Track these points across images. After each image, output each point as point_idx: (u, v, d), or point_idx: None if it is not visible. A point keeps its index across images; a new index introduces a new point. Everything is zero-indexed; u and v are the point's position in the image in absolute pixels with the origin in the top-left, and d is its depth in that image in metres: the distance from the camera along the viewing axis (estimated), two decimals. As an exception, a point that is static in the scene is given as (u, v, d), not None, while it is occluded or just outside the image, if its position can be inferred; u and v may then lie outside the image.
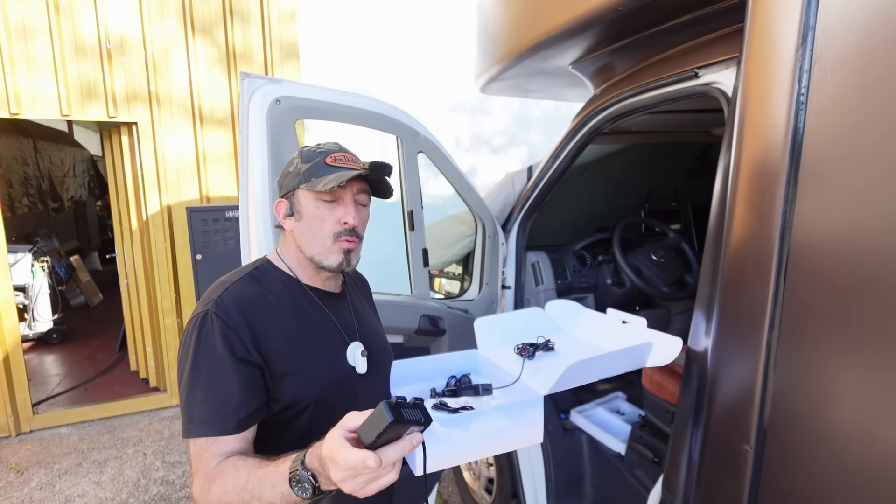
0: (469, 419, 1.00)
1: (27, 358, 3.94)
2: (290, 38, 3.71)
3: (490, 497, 2.28)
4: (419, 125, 1.77)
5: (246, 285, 0.93)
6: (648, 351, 1.19)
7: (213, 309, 0.86)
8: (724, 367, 0.97)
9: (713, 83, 1.12)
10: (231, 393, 0.83)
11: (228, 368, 0.84)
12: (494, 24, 1.80)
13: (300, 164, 0.93)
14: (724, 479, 0.96)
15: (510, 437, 1.05)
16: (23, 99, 3.04)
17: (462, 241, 2.23)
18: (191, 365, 0.84)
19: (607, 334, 1.40)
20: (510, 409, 1.04)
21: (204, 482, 0.79)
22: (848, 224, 0.75)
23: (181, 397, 0.85)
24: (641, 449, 1.74)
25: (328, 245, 0.94)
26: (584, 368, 1.07)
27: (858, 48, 0.72)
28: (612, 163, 2.47)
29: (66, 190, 6.56)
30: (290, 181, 0.94)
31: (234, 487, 0.76)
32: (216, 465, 0.80)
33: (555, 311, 1.56)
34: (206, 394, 0.83)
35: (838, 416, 0.76)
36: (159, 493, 2.73)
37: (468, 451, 1.02)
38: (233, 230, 3.45)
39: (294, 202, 0.95)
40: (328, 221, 0.93)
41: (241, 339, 0.85)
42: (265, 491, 0.74)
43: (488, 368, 1.29)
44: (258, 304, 0.91)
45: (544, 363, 1.28)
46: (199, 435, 0.82)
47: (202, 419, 0.82)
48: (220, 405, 0.83)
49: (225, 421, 0.82)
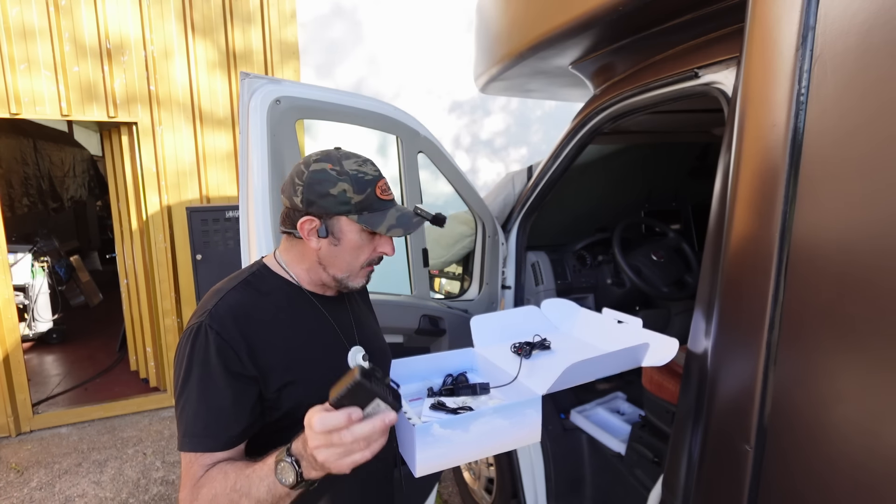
0: (467, 420, 1.00)
1: (27, 358, 3.94)
2: (290, 38, 3.71)
3: (490, 497, 2.28)
4: (419, 125, 1.77)
5: (242, 293, 0.91)
6: (645, 351, 1.20)
7: (208, 321, 0.84)
8: (724, 366, 0.97)
9: (713, 83, 1.12)
10: (223, 409, 0.83)
11: (221, 383, 0.83)
12: (494, 24, 1.80)
13: (351, 192, 0.88)
14: (724, 479, 0.96)
15: (508, 437, 1.05)
16: (23, 99, 3.04)
17: (462, 241, 2.23)
18: (184, 377, 0.83)
19: (603, 334, 1.41)
20: (508, 409, 1.04)
21: (192, 491, 0.80)
22: (848, 224, 0.75)
23: (176, 408, 0.85)
24: (641, 449, 1.74)
25: (357, 270, 0.96)
26: (581, 369, 1.08)
27: (858, 48, 0.72)
28: (612, 163, 2.46)
29: (66, 190, 6.57)
30: (333, 205, 0.88)
31: (223, 490, 0.76)
32: (205, 475, 0.80)
33: (551, 310, 1.56)
34: (198, 408, 0.82)
35: (838, 416, 0.77)
36: (159, 493, 2.73)
37: (467, 451, 1.02)
38: (233, 230, 3.45)
39: (332, 227, 0.91)
40: (366, 251, 0.94)
41: (237, 353, 0.84)
42: (252, 487, 0.74)
43: (485, 367, 1.30)
44: (255, 314, 0.89)
45: (541, 362, 1.28)
46: (189, 450, 0.82)
47: (193, 433, 0.82)
48: (211, 421, 0.82)
49: (216, 437, 0.82)
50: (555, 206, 2.23)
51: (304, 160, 0.94)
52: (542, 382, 1.10)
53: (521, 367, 1.21)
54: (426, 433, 0.95)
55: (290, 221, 0.93)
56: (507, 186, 2.24)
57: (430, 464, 0.97)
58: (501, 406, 1.04)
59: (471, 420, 1.00)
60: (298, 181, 0.90)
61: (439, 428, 0.96)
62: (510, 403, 1.05)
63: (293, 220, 0.92)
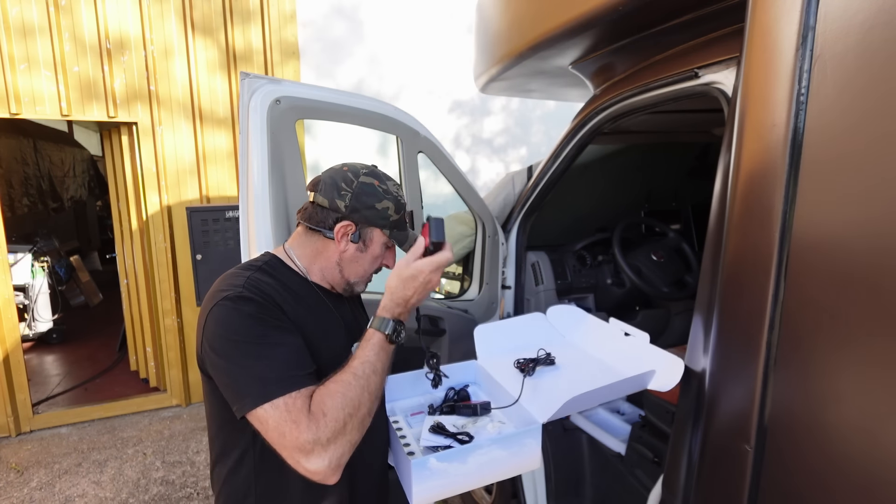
0: (465, 452, 0.99)
1: (27, 358, 3.94)
2: (290, 38, 3.71)
3: (490, 497, 2.28)
4: (419, 125, 1.77)
5: (264, 276, 0.94)
6: (650, 377, 1.17)
7: (244, 290, 0.87)
8: (724, 367, 0.97)
9: (713, 83, 1.12)
10: (294, 349, 0.86)
11: (279, 333, 0.85)
12: (494, 24, 1.80)
13: (392, 211, 1.00)
14: (724, 479, 0.96)
15: (507, 466, 1.05)
16: (23, 99, 3.04)
17: (462, 241, 2.23)
18: (240, 340, 0.83)
19: (609, 345, 1.38)
20: (507, 440, 1.03)
21: (311, 421, 0.79)
22: (848, 224, 0.75)
23: (237, 376, 0.82)
24: (641, 449, 1.73)
25: (365, 278, 1.06)
26: (584, 398, 1.06)
27: (858, 48, 0.72)
28: (612, 163, 2.46)
29: (66, 190, 6.57)
30: (374, 217, 0.98)
31: (346, 388, 0.84)
32: (313, 401, 0.82)
33: (556, 318, 1.55)
34: (271, 356, 0.83)
35: (838, 416, 0.77)
36: (159, 493, 2.73)
37: (464, 482, 1.01)
38: (233, 230, 3.45)
39: (365, 235, 1.00)
40: (377, 262, 1.05)
41: (280, 313, 0.88)
42: (368, 355, 0.89)
43: (487, 383, 1.28)
44: (280, 293, 0.92)
45: (545, 381, 1.26)
46: (282, 393, 0.79)
47: (280, 378, 0.81)
48: (292, 361, 0.84)
49: (305, 370, 0.85)
50: (555, 206, 2.23)
51: (349, 168, 0.99)
52: (544, 408, 1.08)
53: (523, 388, 1.19)
54: (423, 467, 0.95)
55: (318, 219, 0.98)
56: (507, 186, 2.24)
57: (426, 495, 0.97)
58: (500, 437, 1.04)
59: (469, 452, 0.99)
60: (346, 187, 0.96)
61: (436, 462, 0.96)
62: (509, 434, 1.05)
63: (324, 218, 0.97)
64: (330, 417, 0.80)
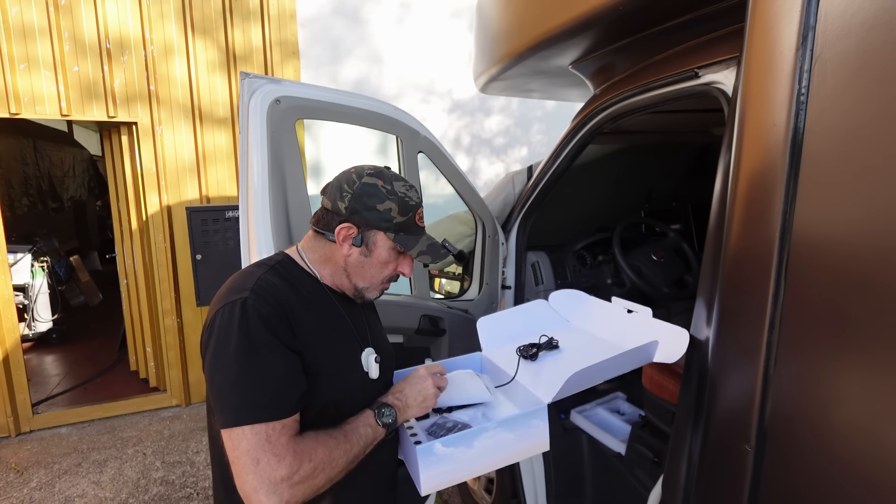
0: (471, 437, 0.98)
1: (27, 358, 3.94)
2: (290, 37, 3.71)
3: (490, 497, 2.28)
4: (419, 125, 1.77)
5: (275, 276, 0.92)
6: (655, 348, 1.16)
7: (251, 296, 0.85)
8: (724, 366, 0.97)
9: (713, 83, 1.12)
10: (284, 376, 0.83)
11: (276, 352, 0.83)
12: (494, 24, 1.80)
13: (396, 212, 0.94)
14: (724, 479, 0.96)
15: (515, 449, 1.03)
16: (23, 99, 3.04)
17: (462, 241, 2.23)
18: (235, 351, 0.81)
19: (613, 325, 1.37)
20: (513, 422, 1.02)
21: (295, 461, 0.79)
22: (848, 224, 0.75)
23: (222, 386, 0.81)
24: (641, 449, 1.73)
25: (377, 283, 1.01)
26: (588, 373, 1.05)
27: (858, 48, 0.72)
28: (612, 163, 2.46)
29: (65, 190, 6.57)
30: (376, 220, 0.94)
31: (332, 448, 0.84)
32: (300, 441, 0.82)
33: (559, 302, 1.53)
34: (260, 378, 0.81)
35: (838, 416, 0.77)
36: (159, 493, 2.73)
37: (472, 467, 0.99)
38: (233, 230, 3.45)
39: (368, 238, 0.96)
40: (390, 268, 1.00)
41: (283, 325, 0.85)
42: (358, 436, 0.89)
43: (492, 371, 1.28)
44: (291, 296, 0.91)
45: (548, 364, 1.25)
46: (268, 419, 0.79)
47: (259, 405, 0.79)
48: (280, 388, 0.82)
49: (287, 401, 0.82)
50: (555, 206, 2.23)
51: (355, 169, 0.97)
52: (548, 389, 1.07)
53: (518, 367, 1.20)
54: (429, 453, 0.94)
55: (324, 223, 0.97)
56: (507, 186, 2.24)
57: (435, 482, 0.96)
58: (505, 419, 1.01)
59: (475, 436, 0.98)
60: (347, 188, 0.94)
61: (442, 447, 0.95)
62: (514, 416, 1.02)
63: (329, 222, 0.96)
64: (312, 465, 0.80)
